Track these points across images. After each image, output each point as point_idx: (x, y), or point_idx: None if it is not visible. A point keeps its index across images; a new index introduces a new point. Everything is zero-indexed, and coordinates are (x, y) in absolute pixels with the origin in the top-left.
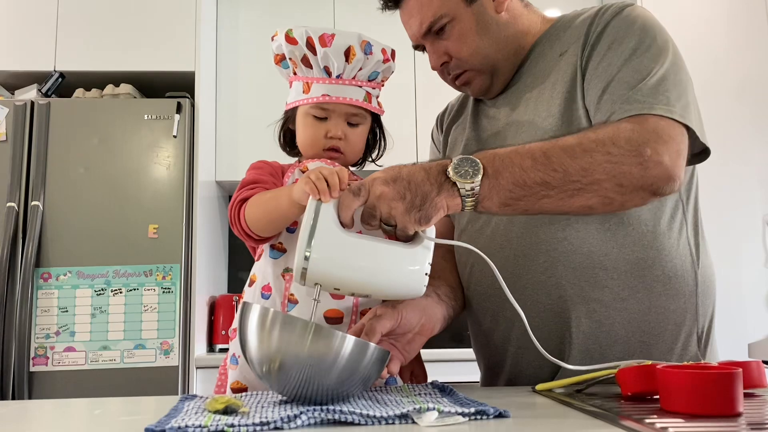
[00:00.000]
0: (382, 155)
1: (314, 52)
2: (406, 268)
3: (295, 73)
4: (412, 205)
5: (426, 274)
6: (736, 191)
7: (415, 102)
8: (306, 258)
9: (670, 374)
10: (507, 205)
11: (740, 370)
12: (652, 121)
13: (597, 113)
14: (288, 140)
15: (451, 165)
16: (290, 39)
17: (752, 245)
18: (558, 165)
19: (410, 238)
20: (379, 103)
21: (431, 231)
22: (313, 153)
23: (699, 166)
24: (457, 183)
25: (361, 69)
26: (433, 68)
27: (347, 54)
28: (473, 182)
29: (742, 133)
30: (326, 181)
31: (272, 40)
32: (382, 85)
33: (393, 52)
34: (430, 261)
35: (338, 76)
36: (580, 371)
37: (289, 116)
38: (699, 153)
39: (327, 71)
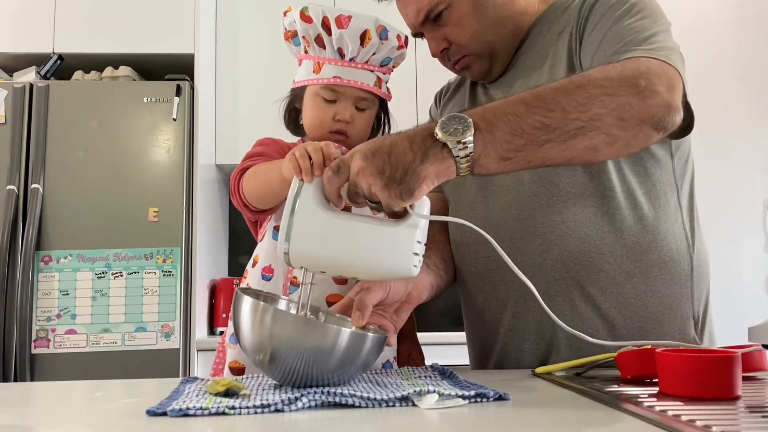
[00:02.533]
0: None
1: (329, 33)
2: (391, 248)
3: (306, 52)
4: (391, 179)
5: (415, 253)
6: (737, 175)
7: (416, 87)
8: (287, 240)
9: (668, 358)
10: (507, 159)
11: (739, 353)
12: (643, 61)
13: None
14: (293, 119)
15: (437, 125)
16: (305, 17)
17: (752, 230)
18: (554, 104)
19: (401, 215)
20: (387, 89)
21: (425, 205)
22: (318, 134)
23: (699, 150)
24: (448, 143)
25: (374, 54)
26: (433, 55)
27: (363, 37)
28: (465, 140)
29: (743, 118)
30: (310, 158)
31: (284, 15)
32: (392, 71)
33: (407, 39)
34: (420, 239)
35: (351, 59)
36: (605, 347)
37: (297, 95)
38: (684, 127)
39: (340, 53)
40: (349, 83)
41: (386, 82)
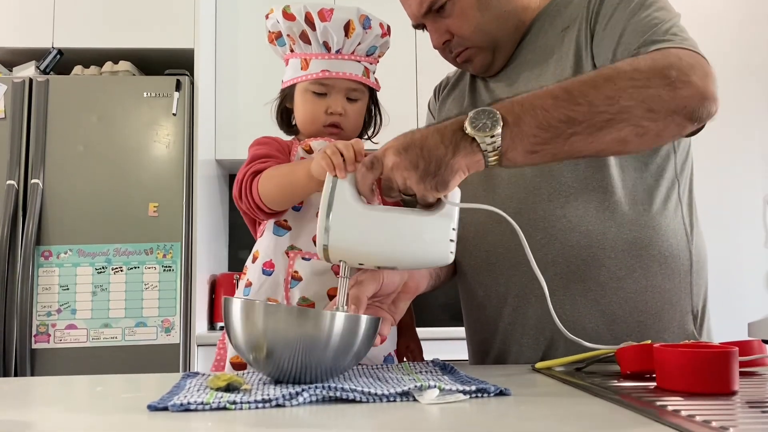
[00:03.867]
0: (378, 132)
1: (313, 28)
2: (427, 236)
3: (292, 51)
4: (426, 172)
5: (451, 240)
6: (738, 170)
7: (416, 82)
8: (326, 235)
9: (666, 353)
10: (534, 152)
11: (736, 349)
12: (673, 51)
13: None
14: (285, 119)
15: (467, 120)
16: (288, 15)
17: (752, 225)
18: (581, 97)
19: (434, 205)
20: (375, 79)
21: (456, 194)
22: (312, 130)
23: (701, 146)
24: (476, 138)
25: (360, 44)
26: (435, 47)
27: (347, 28)
28: (493, 134)
29: (745, 112)
30: (342, 155)
31: (267, 18)
32: (378, 61)
33: (389, 27)
34: (454, 226)
35: (338, 51)
36: (591, 348)
37: (287, 94)
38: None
39: (326, 46)
40: (338, 75)
41: (374, 72)
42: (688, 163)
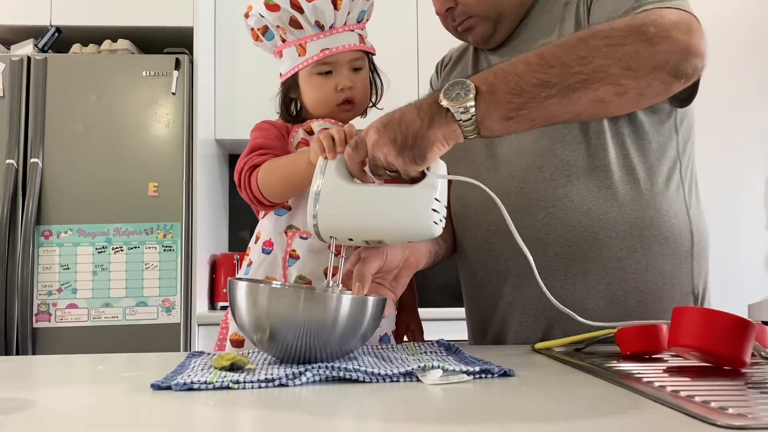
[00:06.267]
0: (381, 96)
1: (301, 11)
2: (410, 207)
3: (283, 41)
4: (403, 146)
5: (434, 210)
6: (739, 152)
7: (417, 61)
8: (315, 213)
9: (685, 310)
10: (510, 118)
11: (755, 323)
12: (656, 11)
13: None
14: (290, 110)
15: (441, 92)
16: (271, 6)
17: (753, 206)
18: (553, 60)
19: (419, 179)
20: (369, 44)
21: (442, 167)
22: (326, 112)
23: (701, 126)
24: (450, 108)
25: (349, 13)
26: (438, 13)
27: (334, 2)
28: (466, 104)
29: (747, 94)
30: (333, 139)
31: (246, 17)
32: (365, 26)
33: None
34: (438, 197)
35: (331, 27)
36: (595, 327)
37: (289, 85)
38: (686, 97)
39: (319, 25)
40: (338, 50)
41: (366, 37)
42: (690, 143)
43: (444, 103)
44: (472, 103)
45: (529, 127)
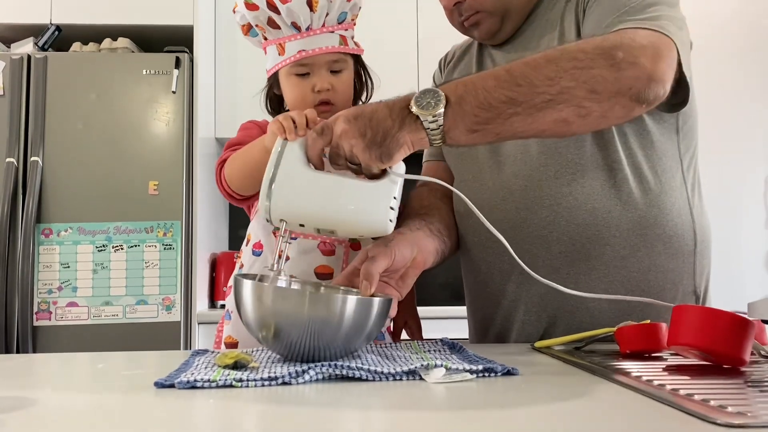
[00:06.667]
0: (371, 96)
1: (277, 12)
2: (368, 202)
3: (265, 38)
4: (372, 141)
5: (391, 208)
6: (739, 151)
7: (418, 61)
8: (268, 194)
9: (685, 309)
10: (474, 131)
11: (755, 321)
12: (629, 32)
13: None
14: (275, 106)
15: (413, 98)
16: (250, 5)
17: (753, 205)
18: (521, 78)
19: (379, 177)
20: (356, 43)
21: (401, 167)
22: None
23: (702, 124)
24: (420, 116)
25: (328, 14)
26: (445, 7)
27: (310, 3)
28: (435, 114)
29: (747, 93)
30: (294, 122)
31: (234, 12)
32: (354, 24)
33: None
34: (396, 196)
35: (308, 28)
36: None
37: (273, 82)
38: (679, 102)
39: (295, 26)
40: (315, 52)
41: (352, 38)
42: (693, 143)
43: (414, 110)
44: (441, 112)
45: (493, 141)
